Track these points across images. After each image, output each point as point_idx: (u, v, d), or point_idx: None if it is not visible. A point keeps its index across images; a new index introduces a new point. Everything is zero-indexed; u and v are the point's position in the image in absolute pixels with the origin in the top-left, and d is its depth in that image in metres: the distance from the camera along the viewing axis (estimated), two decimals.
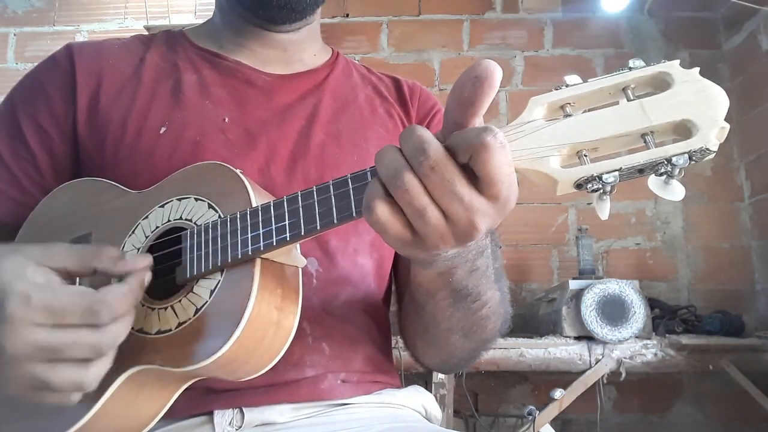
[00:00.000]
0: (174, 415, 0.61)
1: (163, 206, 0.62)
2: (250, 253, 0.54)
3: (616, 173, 0.44)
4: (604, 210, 0.46)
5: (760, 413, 1.91)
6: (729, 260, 2.43)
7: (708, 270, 2.43)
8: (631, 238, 2.48)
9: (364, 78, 0.87)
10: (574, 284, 1.94)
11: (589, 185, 0.45)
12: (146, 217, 0.62)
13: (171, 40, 0.82)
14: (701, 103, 0.44)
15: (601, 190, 0.45)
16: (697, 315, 2.11)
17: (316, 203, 0.52)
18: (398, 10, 2.74)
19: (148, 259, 0.55)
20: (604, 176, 0.44)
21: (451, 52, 2.69)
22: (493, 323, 0.69)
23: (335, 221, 0.51)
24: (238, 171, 0.60)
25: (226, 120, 0.73)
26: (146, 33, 2.63)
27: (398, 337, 0.81)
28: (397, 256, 0.81)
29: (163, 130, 0.71)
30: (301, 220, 0.52)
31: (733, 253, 2.44)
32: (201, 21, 0.88)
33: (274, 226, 0.54)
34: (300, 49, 0.83)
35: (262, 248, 0.53)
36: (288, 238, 0.53)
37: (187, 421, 0.63)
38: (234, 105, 0.75)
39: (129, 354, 0.54)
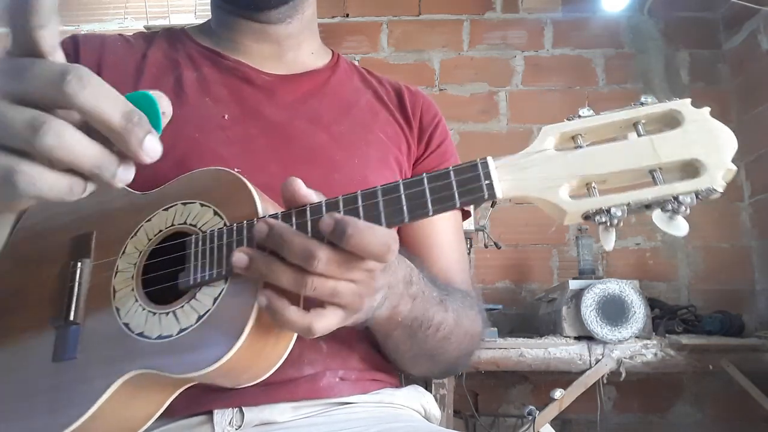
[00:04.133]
0: (173, 414, 0.61)
1: (167, 209, 0.61)
2: None
3: (624, 207, 0.46)
4: (610, 242, 0.47)
5: (760, 413, 1.91)
6: (729, 260, 2.43)
7: (708, 270, 2.43)
8: (631, 238, 2.48)
9: (366, 81, 0.87)
10: (574, 284, 1.94)
11: (597, 217, 0.46)
12: (149, 220, 0.62)
13: (173, 37, 0.83)
14: (710, 144, 0.45)
15: (608, 223, 0.47)
16: (697, 315, 2.11)
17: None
18: (398, 10, 2.74)
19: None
20: (612, 210, 0.46)
21: (451, 52, 2.69)
22: (456, 343, 0.71)
23: None
24: (243, 177, 0.59)
25: (226, 117, 0.74)
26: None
27: None
28: None
29: None
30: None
31: (733, 253, 2.44)
32: (201, 21, 0.88)
33: None
34: (295, 43, 0.83)
35: None
36: None
37: (187, 420, 0.63)
38: (234, 103, 0.75)
39: (128, 357, 0.54)
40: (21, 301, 0.63)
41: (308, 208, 0.53)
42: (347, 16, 2.75)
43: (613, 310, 1.85)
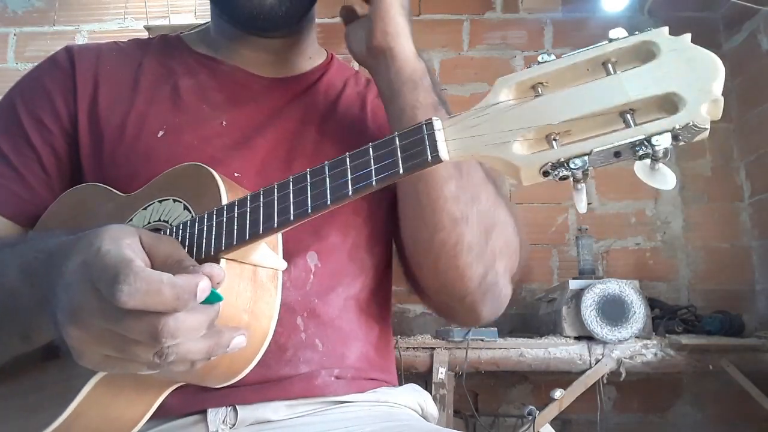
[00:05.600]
0: (167, 414, 0.61)
1: (146, 208, 0.62)
2: (212, 253, 0.52)
3: (585, 158, 0.39)
4: (581, 201, 0.42)
5: (760, 413, 1.91)
6: (729, 260, 2.43)
7: (708, 270, 2.43)
8: (631, 238, 2.48)
9: (358, 80, 0.88)
10: (574, 284, 1.95)
11: (556, 172, 0.40)
12: (131, 220, 0.62)
13: (168, 45, 0.83)
14: (689, 74, 0.38)
15: (572, 178, 0.41)
16: (697, 315, 2.11)
17: (275, 200, 0.51)
18: None
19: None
20: (572, 162, 0.39)
21: (451, 52, 2.69)
22: (505, 218, 0.71)
23: (291, 218, 0.50)
24: (212, 170, 0.59)
25: (224, 123, 0.74)
26: (146, 33, 2.63)
27: (398, 336, 0.81)
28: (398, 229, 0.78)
29: (161, 133, 0.72)
30: (261, 218, 0.51)
31: (733, 253, 2.44)
32: (201, 21, 0.88)
33: (236, 225, 0.51)
34: (295, 52, 0.83)
35: (223, 248, 0.51)
36: (248, 237, 0.51)
37: (181, 420, 0.63)
38: (231, 108, 0.76)
39: None
40: None
41: (261, 191, 0.52)
42: None
43: (613, 310, 1.85)
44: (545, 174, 0.41)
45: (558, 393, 1.83)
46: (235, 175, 0.68)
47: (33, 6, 2.81)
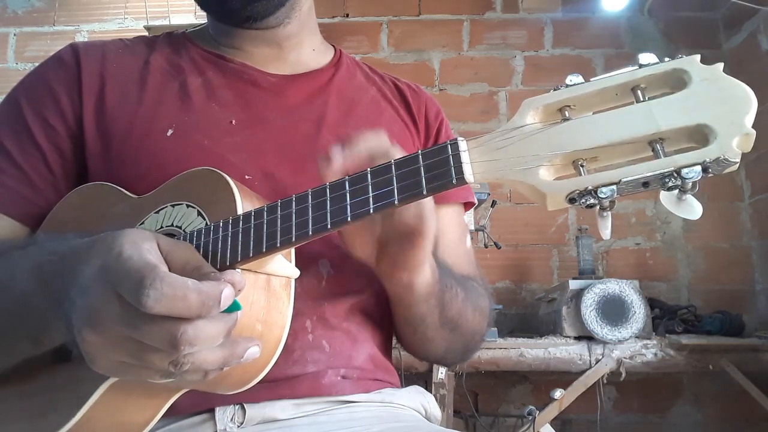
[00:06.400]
0: (175, 413, 0.61)
1: (158, 212, 0.61)
2: (228, 263, 0.51)
3: (614, 187, 0.39)
4: (606, 229, 0.41)
5: (760, 413, 1.91)
6: (729, 260, 2.43)
7: (708, 270, 2.44)
8: (631, 238, 2.48)
9: (369, 78, 0.87)
10: (574, 284, 1.95)
11: (583, 200, 0.40)
12: (142, 223, 0.61)
13: (174, 42, 0.82)
14: (721, 106, 0.38)
15: (598, 206, 0.40)
16: (697, 315, 2.11)
17: (293, 213, 0.50)
18: (398, 10, 2.74)
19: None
20: (600, 190, 0.39)
21: (451, 52, 2.69)
22: (471, 312, 0.74)
23: (310, 233, 0.49)
24: (227, 177, 0.58)
25: (233, 122, 0.73)
26: (146, 33, 2.63)
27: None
28: None
29: (169, 132, 0.71)
30: (278, 231, 0.50)
31: (733, 253, 2.44)
32: (201, 21, 0.87)
33: (252, 236, 0.51)
34: (295, 43, 0.82)
35: (239, 259, 0.51)
36: (264, 249, 0.50)
37: (189, 419, 0.63)
38: (240, 107, 0.75)
39: None
40: None
41: (279, 203, 0.52)
42: (347, 16, 2.75)
43: (613, 310, 1.85)
44: (571, 201, 0.40)
45: (558, 393, 1.83)
46: (246, 177, 0.68)
47: (33, 6, 2.81)
